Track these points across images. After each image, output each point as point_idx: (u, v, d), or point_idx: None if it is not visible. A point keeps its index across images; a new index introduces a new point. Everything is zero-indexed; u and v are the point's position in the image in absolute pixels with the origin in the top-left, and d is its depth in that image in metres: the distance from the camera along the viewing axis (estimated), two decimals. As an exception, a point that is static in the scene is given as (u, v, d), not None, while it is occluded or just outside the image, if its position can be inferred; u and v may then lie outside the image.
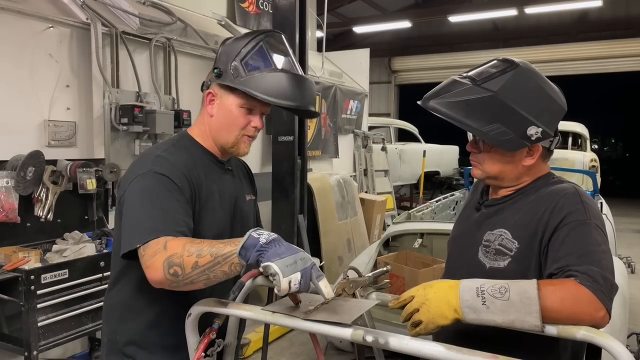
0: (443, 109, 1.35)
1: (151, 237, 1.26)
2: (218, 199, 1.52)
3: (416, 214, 4.59)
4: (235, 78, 1.43)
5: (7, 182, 2.77)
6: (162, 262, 1.21)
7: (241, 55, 1.44)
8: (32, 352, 2.49)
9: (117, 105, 3.40)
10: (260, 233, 1.18)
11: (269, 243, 1.16)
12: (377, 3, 14.52)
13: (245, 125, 1.50)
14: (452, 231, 1.66)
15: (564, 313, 1.10)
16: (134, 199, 1.36)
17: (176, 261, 1.20)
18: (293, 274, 1.13)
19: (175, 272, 1.20)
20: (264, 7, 5.65)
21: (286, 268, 1.13)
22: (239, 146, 1.53)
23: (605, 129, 22.60)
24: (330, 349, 3.94)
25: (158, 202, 1.33)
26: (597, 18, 13.65)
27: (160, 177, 1.37)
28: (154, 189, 1.36)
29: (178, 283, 1.22)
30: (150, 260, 1.24)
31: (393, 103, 16.91)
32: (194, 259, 1.19)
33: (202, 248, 1.20)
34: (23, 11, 2.99)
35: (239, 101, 1.47)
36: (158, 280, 1.23)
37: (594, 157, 9.83)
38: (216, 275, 1.20)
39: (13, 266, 2.51)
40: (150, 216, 1.31)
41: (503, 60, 1.39)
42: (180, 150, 1.50)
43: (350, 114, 6.87)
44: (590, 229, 1.26)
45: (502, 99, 1.31)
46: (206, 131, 1.55)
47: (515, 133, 1.32)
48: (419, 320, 1.18)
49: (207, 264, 1.18)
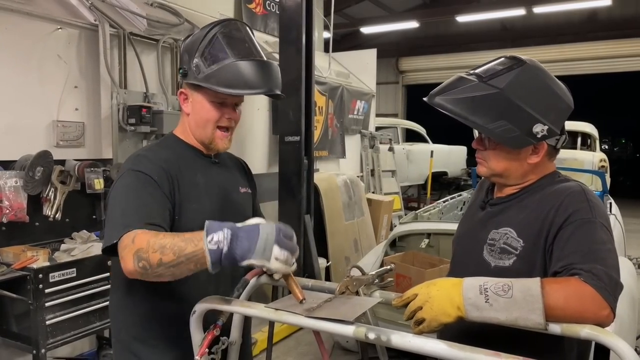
0: (449, 105, 1.34)
1: (124, 232, 1.27)
2: (203, 189, 1.53)
3: (423, 214, 4.57)
4: (198, 75, 1.44)
5: (16, 182, 2.80)
6: (131, 255, 1.22)
7: (200, 50, 1.45)
8: (40, 350, 2.52)
9: (124, 106, 3.43)
10: (211, 239, 1.15)
11: (231, 244, 1.14)
12: (384, 3, 14.49)
13: (219, 118, 1.51)
14: (457, 230, 1.65)
15: (568, 311, 1.10)
16: (114, 198, 1.40)
17: (143, 256, 1.21)
18: (272, 252, 1.14)
19: (144, 266, 1.21)
20: (271, 8, 5.67)
21: (264, 253, 1.14)
22: (216, 141, 1.54)
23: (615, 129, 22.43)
24: (337, 349, 3.94)
25: (132, 197, 1.36)
26: (606, 17, 13.53)
27: (137, 173, 1.40)
28: (129, 186, 1.39)
29: (148, 276, 1.24)
30: (122, 253, 1.26)
31: (400, 103, 16.87)
32: (158, 256, 1.20)
33: (164, 245, 1.20)
34: (32, 13, 3.02)
35: (207, 96, 1.49)
36: (130, 272, 1.24)
37: (604, 157, 9.75)
38: (182, 271, 1.21)
39: (22, 265, 2.54)
40: (124, 212, 1.34)
41: (510, 58, 1.38)
42: (163, 149, 1.54)
43: (358, 114, 6.87)
44: (596, 227, 1.25)
45: (508, 96, 1.30)
46: (187, 129, 1.57)
47: (521, 130, 1.31)
48: (422, 318, 1.17)
49: (171, 261, 1.19)
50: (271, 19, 5.65)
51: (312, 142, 4.51)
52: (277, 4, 5.37)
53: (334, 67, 6.27)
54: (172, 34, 3.90)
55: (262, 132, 5.02)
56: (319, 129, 5.72)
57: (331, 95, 6.00)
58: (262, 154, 5.00)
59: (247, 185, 1.74)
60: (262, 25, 5.54)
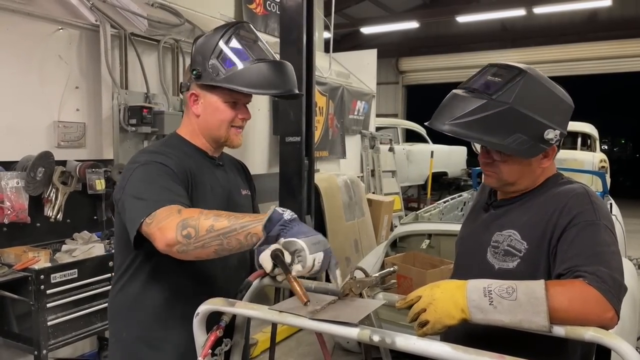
0: (462, 130, 1.32)
1: (155, 208, 1.25)
2: (210, 190, 1.54)
3: (424, 215, 4.57)
4: (216, 76, 1.45)
5: (18, 183, 2.80)
6: (176, 222, 1.21)
7: (216, 52, 1.46)
8: (42, 351, 2.51)
9: (125, 106, 3.43)
10: (284, 210, 1.20)
11: (292, 221, 1.19)
12: (385, 4, 14.49)
13: (233, 118, 1.54)
14: (460, 232, 1.65)
15: (572, 313, 1.09)
16: (132, 189, 1.36)
17: (192, 223, 1.20)
18: (317, 253, 1.16)
19: (189, 234, 1.19)
20: (272, 8, 5.67)
21: (312, 246, 1.16)
22: (231, 138, 1.56)
23: (615, 129, 22.45)
24: (338, 350, 3.94)
25: (158, 182, 1.34)
26: (606, 18, 13.54)
27: (155, 164, 1.39)
28: (150, 174, 1.37)
29: (188, 246, 1.21)
30: (163, 222, 1.23)
31: (400, 104, 16.87)
32: (210, 222, 1.19)
33: (220, 214, 1.21)
34: (33, 13, 3.02)
35: (223, 97, 1.50)
36: (168, 240, 1.21)
37: (604, 157, 9.76)
38: (230, 242, 1.20)
39: (23, 266, 2.54)
40: (152, 193, 1.31)
41: (504, 67, 1.36)
42: (171, 147, 1.53)
43: (358, 114, 6.87)
44: (600, 229, 1.26)
45: (518, 109, 1.29)
46: (195, 130, 1.57)
47: (534, 139, 1.31)
48: (426, 320, 1.17)
49: (224, 228, 1.19)
50: (272, 19, 5.65)
51: (313, 143, 4.50)
52: (278, 4, 5.37)
53: (335, 67, 6.27)
54: (173, 35, 3.90)
55: (263, 133, 5.02)
56: (320, 129, 5.72)
57: (332, 96, 6.00)
58: (262, 155, 5.00)
59: (247, 187, 1.75)
60: (262, 26, 5.54)
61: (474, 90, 1.35)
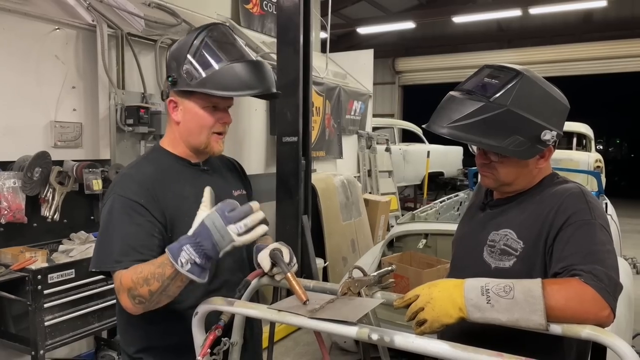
0: (461, 133, 1.32)
1: (116, 267, 1.33)
2: (194, 200, 1.44)
3: (420, 215, 4.58)
4: (190, 81, 1.42)
5: (14, 183, 2.79)
6: (126, 297, 1.30)
7: (189, 57, 1.43)
8: (39, 352, 2.51)
9: (122, 106, 3.42)
10: (186, 260, 1.19)
11: (198, 254, 1.18)
12: (381, 4, 14.51)
13: (214, 123, 1.50)
14: (456, 231, 1.66)
15: (568, 312, 1.10)
16: (102, 223, 1.42)
17: (135, 293, 1.27)
18: (230, 233, 1.18)
19: (141, 301, 1.28)
20: (268, 8, 5.67)
21: (224, 240, 1.18)
22: (212, 145, 1.52)
23: (610, 129, 22.54)
24: (335, 349, 3.94)
25: (118, 228, 1.37)
26: (602, 18, 13.60)
27: (123, 200, 1.40)
28: (115, 215, 1.39)
29: (148, 307, 1.30)
30: (119, 296, 1.34)
31: (397, 104, 16.90)
32: (146, 289, 1.26)
33: (146, 277, 1.25)
34: (30, 13, 3.01)
35: (201, 102, 1.47)
36: (132, 311, 1.32)
37: (599, 157, 9.80)
38: (174, 291, 1.27)
39: (20, 266, 2.53)
40: (111, 243, 1.36)
41: (500, 69, 1.37)
42: (150, 163, 1.52)
43: (354, 114, 6.88)
44: (595, 228, 1.27)
45: (515, 111, 1.30)
46: (176, 138, 1.54)
47: (531, 141, 1.32)
48: (424, 319, 1.18)
49: (159, 288, 1.25)
50: (268, 19, 5.65)
51: (310, 143, 4.51)
52: (275, 4, 5.37)
53: (331, 67, 6.28)
54: (170, 35, 3.90)
55: (260, 133, 5.02)
56: (316, 129, 5.73)
57: (328, 96, 6.01)
58: (259, 155, 5.00)
59: (241, 186, 1.71)
60: (259, 26, 5.54)
61: (471, 92, 1.35)
